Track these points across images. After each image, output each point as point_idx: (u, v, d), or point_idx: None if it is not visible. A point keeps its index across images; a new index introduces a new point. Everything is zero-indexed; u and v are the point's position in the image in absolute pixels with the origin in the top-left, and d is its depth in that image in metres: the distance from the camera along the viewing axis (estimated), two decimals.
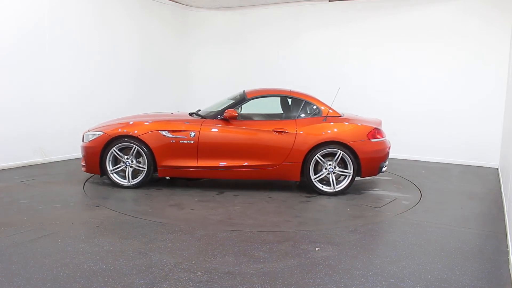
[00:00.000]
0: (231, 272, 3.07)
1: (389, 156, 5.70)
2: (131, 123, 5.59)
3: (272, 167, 5.37)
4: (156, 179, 5.91)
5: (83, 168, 5.63)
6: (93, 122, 7.56)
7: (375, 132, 5.45)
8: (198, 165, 5.39)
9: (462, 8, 7.72)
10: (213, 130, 5.43)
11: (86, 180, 5.82)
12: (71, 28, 7.19)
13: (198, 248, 3.51)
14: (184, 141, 5.37)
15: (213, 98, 7.15)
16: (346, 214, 4.65)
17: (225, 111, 5.44)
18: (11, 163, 6.41)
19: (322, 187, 5.38)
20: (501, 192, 5.71)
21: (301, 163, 5.34)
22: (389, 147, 5.65)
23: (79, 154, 7.31)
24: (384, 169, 5.55)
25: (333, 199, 5.22)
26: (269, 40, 9.52)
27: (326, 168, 5.35)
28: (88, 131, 5.71)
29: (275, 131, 5.36)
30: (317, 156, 5.31)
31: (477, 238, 3.99)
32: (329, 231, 4.03)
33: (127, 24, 8.41)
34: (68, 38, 7.15)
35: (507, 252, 3.58)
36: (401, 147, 7.88)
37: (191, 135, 5.37)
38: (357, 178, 5.43)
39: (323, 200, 5.19)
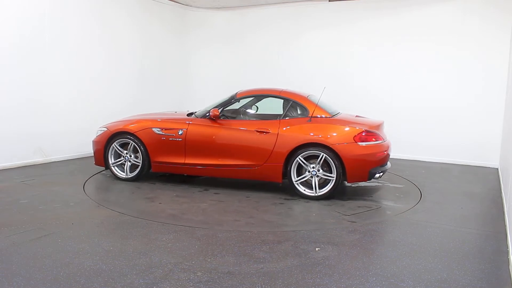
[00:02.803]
0: (231, 272, 3.07)
1: (390, 156, 5.50)
2: (131, 120, 5.95)
3: (253, 167, 5.31)
4: (166, 174, 6.09)
5: (94, 161, 6.07)
6: (93, 122, 7.59)
7: (364, 135, 5.06)
8: (185, 162, 5.58)
9: (462, 9, 7.72)
10: (199, 128, 5.55)
11: (86, 180, 5.82)
12: (71, 28, 7.19)
13: (198, 248, 3.51)
14: (173, 139, 5.59)
15: (213, 98, 7.14)
16: (306, 219, 4.45)
17: (210, 110, 5.56)
18: (11, 163, 6.41)
19: (304, 190, 5.14)
20: (501, 192, 5.71)
21: (282, 164, 5.16)
22: (385, 151, 5.20)
23: (79, 154, 7.45)
24: (377, 175, 5.12)
25: (311, 203, 4.99)
26: (269, 40, 9.52)
27: (309, 171, 5.11)
28: (99, 127, 6.14)
29: (257, 131, 5.30)
30: (299, 158, 5.09)
31: (477, 238, 3.99)
32: (329, 231, 4.03)
33: (127, 24, 8.41)
34: (68, 38, 7.15)
35: (507, 252, 3.58)
36: (401, 147, 7.88)
37: (179, 133, 5.57)
38: (361, 184, 5.32)
39: (298, 204, 5.00)
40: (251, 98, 6.03)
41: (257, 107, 6.18)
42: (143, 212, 4.50)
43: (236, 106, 5.96)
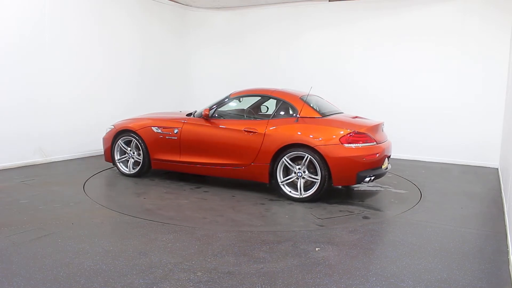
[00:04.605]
0: (231, 272, 3.07)
1: (390, 157, 5.47)
2: (135, 119, 6.23)
3: (241, 166, 5.31)
4: (171, 172, 6.25)
5: (104, 157, 6.38)
6: (94, 122, 7.62)
7: (351, 136, 4.86)
8: (181, 160, 5.71)
9: (462, 9, 7.72)
10: (193, 127, 5.66)
11: (86, 180, 5.82)
12: (71, 28, 7.19)
13: (198, 248, 3.51)
14: (170, 137, 5.75)
15: (213, 98, 7.14)
16: (274, 221, 4.39)
17: (203, 110, 5.67)
18: (11, 163, 6.41)
19: (290, 192, 5.05)
20: (501, 192, 5.71)
21: (268, 164, 5.11)
22: (378, 154, 4.96)
23: (79, 154, 7.46)
24: (367, 179, 4.87)
25: (293, 205, 4.90)
26: (269, 40, 9.52)
27: (295, 172, 5.01)
28: (109, 125, 6.45)
29: (245, 130, 5.29)
30: (284, 159, 5.01)
31: (477, 238, 3.99)
32: (329, 231, 4.03)
33: (127, 24, 8.41)
34: (68, 38, 7.15)
35: (507, 252, 3.58)
36: (401, 147, 7.88)
37: (175, 132, 5.72)
38: (361, 187, 5.20)
39: (279, 205, 4.91)
40: (246, 98, 6.02)
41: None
42: (122, 206, 4.69)
43: (236, 106, 5.97)
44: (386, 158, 5.28)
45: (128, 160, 6.12)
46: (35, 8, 6.59)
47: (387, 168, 5.34)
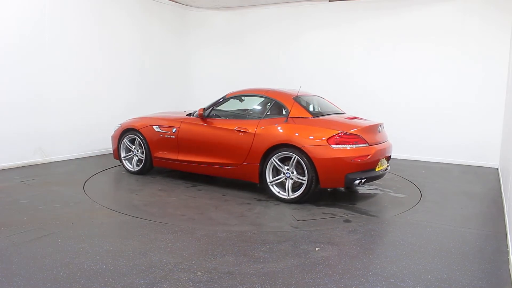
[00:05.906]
0: (231, 272, 3.07)
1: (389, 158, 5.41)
2: (139, 118, 6.43)
3: (233, 166, 5.33)
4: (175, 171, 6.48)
5: (113, 155, 6.60)
6: (94, 122, 7.62)
7: (339, 137, 4.74)
8: (178, 158, 5.82)
9: (462, 9, 7.72)
10: (189, 127, 5.78)
11: (86, 180, 5.82)
12: (71, 28, 7.19)
13: (198, 248, 3.51)
14: (169, 136, 5.89)
15: (213, 98, 7.15)
16: (251, 221, 4.33)
17: (198, 110, 5.79)
18: (11, 163, 6.41)
19: (278, 192, 5.00)
20: (501, 192, 5.71)
21: (258, 164, 5.09)
22: (369, 156, 4.78)
23: (79, 154, 7.46)
24: (357, 181, 4.72)
25: (279, 206, 4.85)
26: (269, 40, 9.52)
27: (284, 173, 4.97)
28: (117, 124, 6.67)
29: (237, 130, 5.30)
30: (273, 159, 4.98)
31: (477, 238, 3.99)
32: (329, 231, 4.03)
33: (127, 24, 8.40)
34: (68, 38, 7.15)
35: (507, 252, 3.58)
36: (401, 147, 7.88)
37: (173, 131, 5.87)
38: (361, 190, 5.14)
39: (264, 206, 4.86)
40: (249, 99, 6.01)
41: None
42: (112, 202, 4.85)
43: (233, 106, 5.96)
44: (385, 160, 5.21)
45: (133, 158, 6.31)
46: (35, 8, 6.59)
47: (386, 170, 5.26)
